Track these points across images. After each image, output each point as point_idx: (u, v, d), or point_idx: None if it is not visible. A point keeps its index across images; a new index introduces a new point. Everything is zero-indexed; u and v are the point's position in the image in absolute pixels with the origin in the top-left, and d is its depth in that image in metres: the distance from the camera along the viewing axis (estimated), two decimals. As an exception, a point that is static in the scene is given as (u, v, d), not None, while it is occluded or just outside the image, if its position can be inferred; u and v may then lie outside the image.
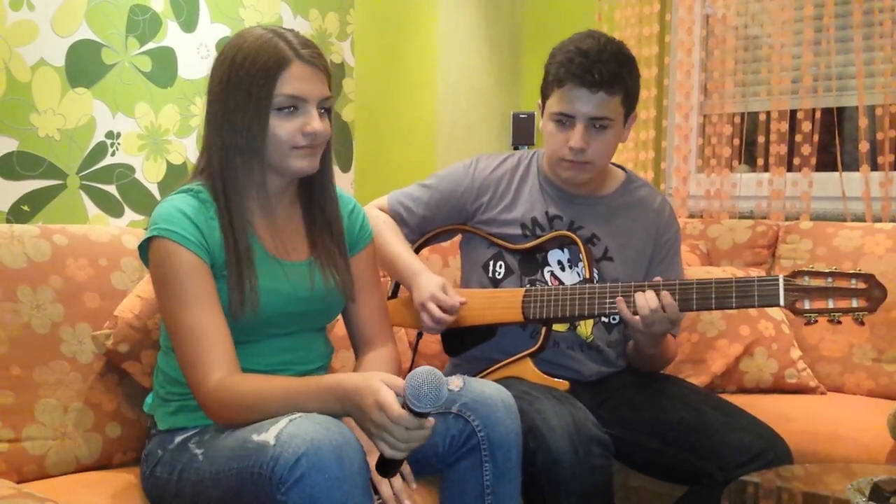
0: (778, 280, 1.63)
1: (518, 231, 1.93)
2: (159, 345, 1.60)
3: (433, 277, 1.86)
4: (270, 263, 1.49)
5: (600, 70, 1.75)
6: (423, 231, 2.03)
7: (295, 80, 1.43)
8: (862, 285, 1.59)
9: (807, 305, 1.61)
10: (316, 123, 1.45)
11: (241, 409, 1.36)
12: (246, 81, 1.42)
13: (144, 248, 1.46)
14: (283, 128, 1.44)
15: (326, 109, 1.49)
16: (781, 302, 1.62)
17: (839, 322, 1.61)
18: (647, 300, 1.68)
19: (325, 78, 1.47)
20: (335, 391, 1.32)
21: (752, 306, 1.67)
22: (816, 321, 1.62)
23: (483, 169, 1.98)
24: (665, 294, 1.68)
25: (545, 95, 1.86)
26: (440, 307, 1.81)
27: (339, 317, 1.66)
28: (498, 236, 1.94)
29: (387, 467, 1.30)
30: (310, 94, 1.44)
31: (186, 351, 1.40)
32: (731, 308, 1.68)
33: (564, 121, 1.81)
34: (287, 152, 1.45)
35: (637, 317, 1.69)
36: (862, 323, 1.61)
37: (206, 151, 1.49)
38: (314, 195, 1.56)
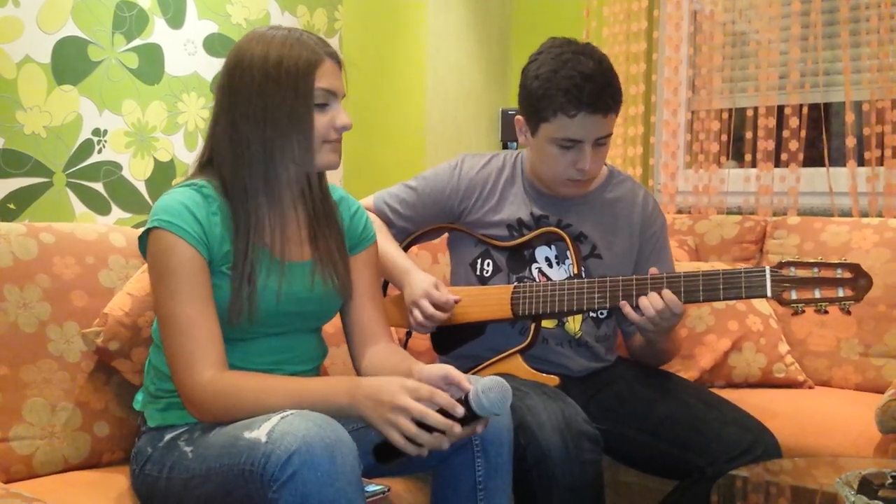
0: (765, 271, 1.64)
1: (505, 232, 1.92)
2: (151, 340, 1.59)
3: (425, 276, 1.85)
4: (272, 263, 1.48)
5: (611, 94, 1.74)
6: (409, 232, 2.02)
7: (328, 76, 1.47)
8: (848, 275, 1.60)
9: (794, 296, 1.61)
10: (345, 117, 1.49)
11: (237, 405, 1.35)
12: (291, 77, 1.44)
13: (144, 239, 1.45)
14: (317, 122, 1.46)
15: None
16: (768, 293, 1.63)
17: (826, 312, 1.61)
18: (650, 303, 1.68)
19: (343, 75, 1.52)
20: (346, 386, 1.34)
21: (740, 298, 1.67)
22: (804, 311, 1.62)
23: (468, 170, 1.97)
24: (665, 291, 1.67)
25: (540, 118, 1.77)
26: (433, 304, 1.81)
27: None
28: (485, 236, 1.94)
29: (388, 455, 1.32)
30: (339, 88, 1.50)
31: (175, 345, 1.40)
32: (718, 300, 1.69)
33: (570, 145, 1.78)
34: (319, 147, 1.48)
35: (644, 317, 1.69)
36: (848, 312, 1.61)
37: (226, 148, 1.47)
38: (315, 195, 1.56)
